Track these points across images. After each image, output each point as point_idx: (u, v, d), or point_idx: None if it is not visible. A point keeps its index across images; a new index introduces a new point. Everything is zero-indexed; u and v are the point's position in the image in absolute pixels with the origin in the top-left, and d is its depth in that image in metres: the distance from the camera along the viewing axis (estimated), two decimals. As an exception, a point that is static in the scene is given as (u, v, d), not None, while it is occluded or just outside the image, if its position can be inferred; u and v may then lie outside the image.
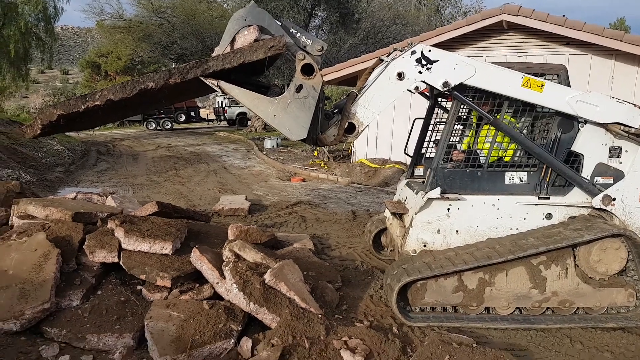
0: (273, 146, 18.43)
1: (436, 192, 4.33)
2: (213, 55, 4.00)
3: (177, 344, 3.31)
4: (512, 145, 4.52)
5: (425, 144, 5.51)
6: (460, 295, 4.16)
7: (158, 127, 31.33)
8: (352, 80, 13.99)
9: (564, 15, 10.60)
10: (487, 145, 4.44)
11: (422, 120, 5.53)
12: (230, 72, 3.92)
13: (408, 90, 4.37)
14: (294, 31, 4.09)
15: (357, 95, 4.33)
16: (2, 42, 20.82)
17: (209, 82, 3.87)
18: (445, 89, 4.24)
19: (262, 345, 3.39)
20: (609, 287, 4.17)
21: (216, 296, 3.97)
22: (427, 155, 5.47)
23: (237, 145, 21.00)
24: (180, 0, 22.49)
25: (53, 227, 4.50)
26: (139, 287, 4.17)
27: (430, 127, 5.40)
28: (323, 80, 4.02)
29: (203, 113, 37.13)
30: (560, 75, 4.53)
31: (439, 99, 5.32)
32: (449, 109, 4.80)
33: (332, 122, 4.37)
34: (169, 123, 31.83)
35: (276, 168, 14.05)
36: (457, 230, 4.43)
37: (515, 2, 10.75)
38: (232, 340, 3.45)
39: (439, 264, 4.10)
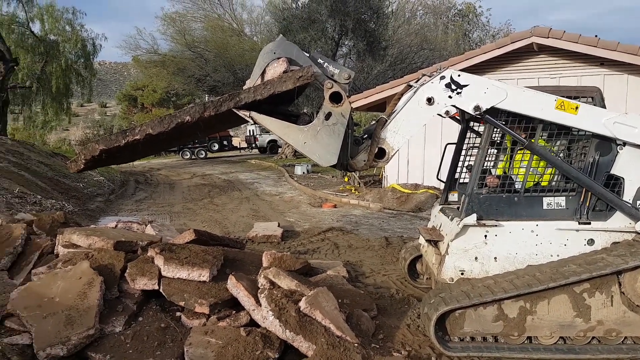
0: (304, 172, 18.60)
1: (472, 219, 4.27)
2: (245, 87, 4.14)
3: (216, 370, 3.37)
4: (549, 170, 4.44)
5: (458, 169, 5.48)
6: (501, 324, 4.04)
7: (193, 156, 32.07)
8: (380, 106, 14.10)
9: (596, 36, 10.46)
10: (522, 170, 4.37)
11: (455, 145, 5.51)
12: (261, 103, 4.04)
13: (439, 114, 4.36)
14: (321, 61, 4.19)
15: (386, 120, 4.35)
16: (44, 79, 22.01)
17: (242, 113, 3.99)
18: (477, 112, 4.21)
19: (299, 372, 3.41)
20: None
21: (253, 323, 4.02)
22: (461, 181, 5.42)
23: (268, 172, 21.28)
24: (212, 34, 23.32)
25: (96, 256, 4.68)
26: (178, 313, 4.27)
27: (463, 152, 5.38)
28: (351, 107, 4.08)
29: (235, 141, 37.82)
30: (595, 98, 4.45)
31: (471, 123, 5.31)
32: (481, 133, 4.77)
33: (362, 148, 4.38)
34: (203, 152, 32.55)
35: (307, 194, 14.16)
36: (495, 258, 4.33)
37: (546, 23, 10.67)
38: (270, 368, 3.49)
39: (477, 293, 4.02)
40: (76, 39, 22.44)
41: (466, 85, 4.21)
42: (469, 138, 5.34)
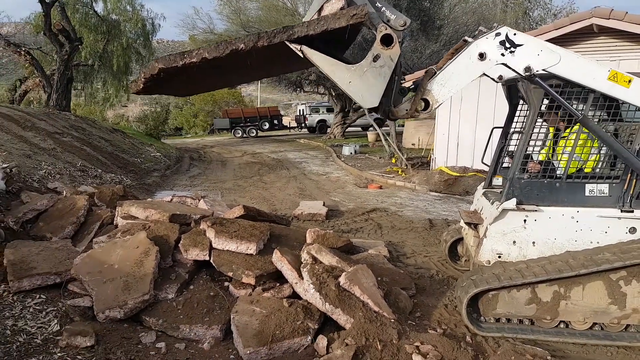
0: (351, 153, 18.66)
1: (512, 203, 4.29)
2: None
3: (259, 337, 3.60)
4: (593, 157, 4.38)
5: (503, 154, 5.43)
6: (534, 307, 4.09)
7: (244, 135, 32.78)
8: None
9: None
10: (565, 157, 4.32)
11: (501, 129, 5.46)
12: (314, 40, 4.03)
13: (492, 78, 4.31)
14: (379, 5, 4.15)
15: (435, 72, 4.31)
16: (106, 57, 23.01)
17: (293, 46, 3.99)
18: (527, 73, 4.14)
19: (336, 344, 3.59)
20: None
21: (295, 295, 4.23)
22: (505, 165, 5.40)
23: (316, 152, 21.49)
24: (266, 14, 23.52)
25: (153, 227, 5.01)
26: (226, 283, 4.54)
27: (508, 137, 5.33)
28: (401, 52, 4.03)
29: (285, 121, 38.29)
30: None
31: (518, 107, 5.24)
32: (525, 117, 4.72)
33: (407, 98, 4.39)
34: (254, 131, 33.19)
35: (354, 175, 14.26)
36: (533, 242, 4.34)
37: (611, 3, 10.14)
38: (309, 338, 3.69)
39: (508, 276, 4.07)
40: (136, 19, 23.29)
41: (520, 45, 4.13)
42: (516, 122, 5.27)
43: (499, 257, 4.41)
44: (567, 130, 4.55)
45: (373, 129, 20.23)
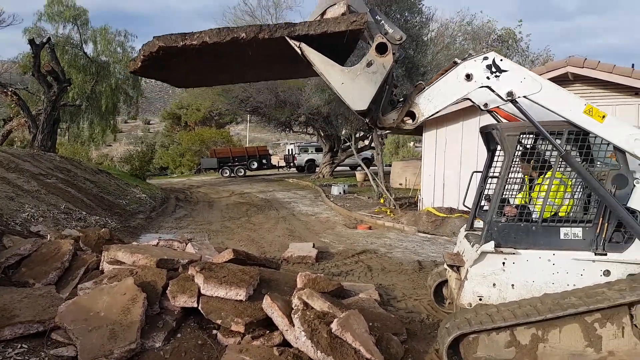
0: (340, 192, 18.71)
1: (490, 246, 4.38)
2: None
3: (249, 388, 3.49)
4: (567, 202, 4.52)
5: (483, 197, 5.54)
6: (513, 350, 4.08)
7: (232, 174, 32.78)
8: (418, 129, 14.11)
9: (632, 64, 10.38)
10: (539, 201, 4.45)
11: (480, 173, 5.59)
12: (313, 42, 4.08)
13: (478, 106, 4.48)
14: (378, 18, 4.28)
15: (424, 87, 4.47)
16: (94, 98, 23.18)
17: (293, 42, 4.04)
18: (509, 98, 4.30)
19: (329, 394, 3.49)
20: None
21: (286, 343, 4.13)
22: (485, 208, 5.46)
23: (305, 191, 21.51)
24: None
25: (140, 273, 4.91)
26: (214, 331, 4.42)
27: (486, 181, 5.43)
28: (393, 63, 4.12)
29: (274, 160, 38.49)
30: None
31: (496, 153, 5.36)
32: (502, 162, 4.83)
33: (395, 108, 4.51)
34: (242, 170, 33.23)
35: (343, 215, 14.25)
36: (512, 285, 4.41)
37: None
38: (301, 388, 3.58)
39: (478, 320, 4.10)
40: (126, 60, 23.58)
41: (505, 71, 4.32)
42: (494, 167, 5.39)
43: (480, 299, 4.45)
44: (540, 178, 4.73)
45: (361, 168, 20.39)
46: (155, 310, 4.50)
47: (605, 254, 4.32)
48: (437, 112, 4.52)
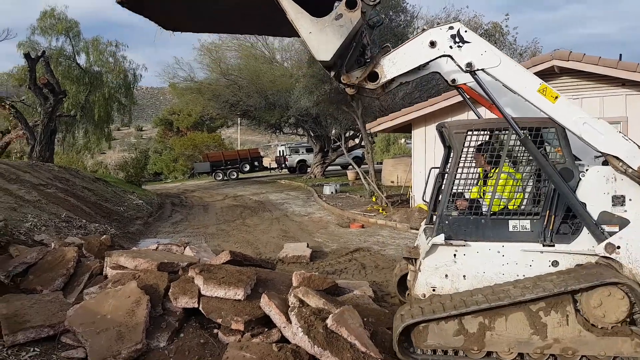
0: (332, 192, 18.93)
1: (440, 239, 4.53)
2: None
3: (251, 381, 3.74)
4: (517, 196, 4.70)
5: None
6: (462, 338, 4.26)
7: (225, 178, 32.92)
8: (406, 128, 14.41)
9: (620, 55, 10.50)
10: (489, 195, 4.62)
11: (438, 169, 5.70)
12: None
13: (446, 81, 4.61)
14: None
15: (390, 49, 4.57)
16: (88, 107, 23.39)
17: None
18: (467, 69, 4.41)
19: (325, 384, 3.74)
20: (614, 336, 4.11)
21: (284, 339, 4.38)
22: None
23: (297, 192, 21.73)
24: (246, 62, 24.25)
25: (142, 276, 5.15)
26: (215, 330, 4.68)
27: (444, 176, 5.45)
28: (362, 19, 4.20)
29: (265, 162, 38.63)
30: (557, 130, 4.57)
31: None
32: (451, 158, 4.97)
33: (360, 67, 4.59)
34: (234, 173, 33.36)
35: (335, 214, 14.50)
36: (464, 276, 4.57)
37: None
38: (299, 379, 3.83)
39: (429, 310, 4.29)
40: (118, 70, 23.87)
41: (468, 42, 4.40)
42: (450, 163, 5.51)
43: (434, 290, 4.61)
44: (493, 170, 4.88)
45: (352, 167, 20.64)
46: (158, 311, 4.75)
47: (553, 245, 4.48)
48: (400, 75, 4.54)
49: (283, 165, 35.86)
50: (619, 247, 4.33)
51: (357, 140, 28.04)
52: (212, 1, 4.83)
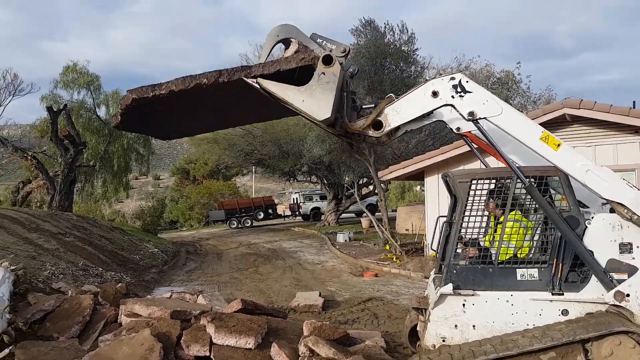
0: (345, 240, 18.94)
1: (448, 288, 4.55)
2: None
3: None
4: (527, 244, 4.72)
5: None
6: None
7: (239, 225, 33.12)
8: (419, 175, 14.56)
9: (634, 102, 10.47)
10: (497, 243, 4.65)
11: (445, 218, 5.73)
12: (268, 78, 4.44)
13: (451, 129, 4.72)
14: (320, 40, 4.68)
15: (394, 99, 4.73)
16: (107, 158, 24.12)
17: (250, 81, 4.40)
18: (470, 118, 4.53)
19: None
20: None
21: (293, 388, 4.41)
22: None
23: (311, 240, 21.74)
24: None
25: (156, 324, 5.26)
26: (226, 378, 4.72)
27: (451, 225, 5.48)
28: (342, 69, 4.42)
29: (279, 210, 38.86)
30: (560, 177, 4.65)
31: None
32: (456, 209, 5.04)
33: (365, 116, 4.76)
34: (249, 221, 33.58)
35: (349, 263, 14.47)
36: (474, 326, 4.56)
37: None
38: None
39: None
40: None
41: (470, 92, 4.56)
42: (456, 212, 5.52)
43: (443, 340, 4.59)
44: (503, 217, 4.88)
45: (366, 215, 20.69)
46: (171, 359, 4.81)
47: (562, 294, 4.48)
48: (404, 123, 4.70)
49: (297, 213, 36.03)
50: (628, 295, 4.32)
51: (370, 188, 28.21)
52: (198, 109, 5.10)
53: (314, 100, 4.35)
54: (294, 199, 37.28)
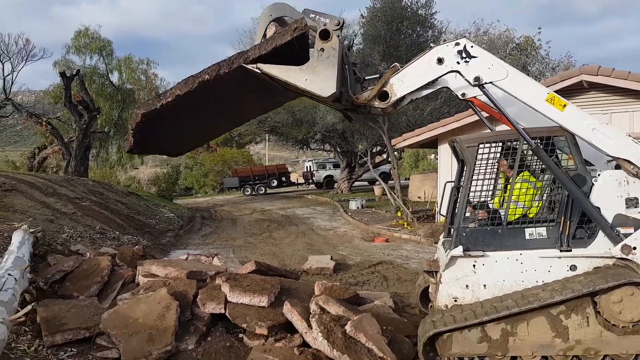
0: (358, 207, 19.04)
1: (459, 250, 4.65)
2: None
3: (272, 382, 3.93)
4: (536, 204, 4.80)
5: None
6: (485, 345, 4.37)
7: (253, 193, 33.43)
8: (432, 143, 14.49)
9: None
10: (506, 204, 4.72)
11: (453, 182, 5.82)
12: (268, 61, 4.38)
13: (456, 95, 4.72)
14: (313, 15, 4.66)
15: (399, 68, 4.70)
16: (121, 124, 24.28)
17: (250, 66, 4.34)
18: (476, 83, 4.51)
19: (343, 386, 3.90)
20: (635, 335, 4.19)
21: (305, 344, 4.57)
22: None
23: (324, 207, 21.91)
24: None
25: (172, 284, 5.43)
26: (240, 334, 4.90)
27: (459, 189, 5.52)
28: (340, 42, 4.36)
29: (293, 177, 39.05)
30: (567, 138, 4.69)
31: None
32: (464, 173, 5.08)
33: (368, 87, 4.74)
34: (262, 188, 33.86)
35: (360, 229, 14.61)
36: (484, 285, 4.68)
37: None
38: (318, 382, 4.00)
39: (443, 321, 4.42)
40: (150, 87, 24.78)
41: (475, 57, 4.53)
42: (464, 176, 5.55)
43: (455, 300, 4.73)
44: (512, 178, 4.92)
45: (379, 183, 20.73)
46: (187, 316, 5.00)
47: (570, 250, 4.58)
48: (410, 92, 4.65)
49: (310, 181, 36.19)
50: (634, 248, 4.43)
51: (384, 156, 28.10)
52: (206, 112, 5.03)
53: (317, 77, 4.31)
54: (307, 167, 37.39)
